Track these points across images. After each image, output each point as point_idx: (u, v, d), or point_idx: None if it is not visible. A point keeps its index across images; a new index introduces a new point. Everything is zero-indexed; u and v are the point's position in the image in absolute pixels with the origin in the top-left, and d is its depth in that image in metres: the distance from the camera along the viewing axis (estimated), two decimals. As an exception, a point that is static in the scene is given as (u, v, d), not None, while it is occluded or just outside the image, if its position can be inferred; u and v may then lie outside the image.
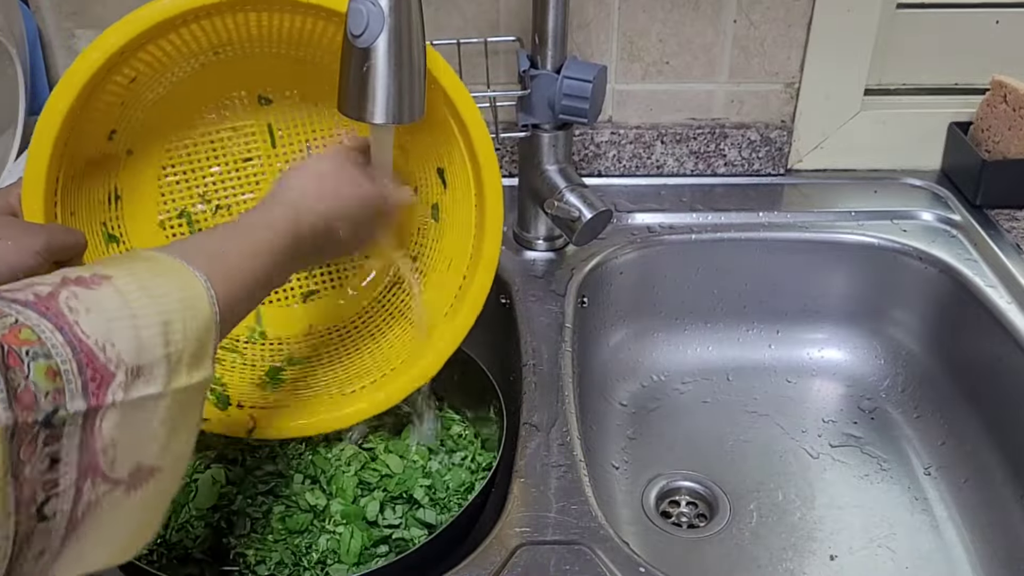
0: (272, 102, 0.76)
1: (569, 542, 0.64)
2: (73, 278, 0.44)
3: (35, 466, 0.39)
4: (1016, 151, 0.98)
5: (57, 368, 0.40)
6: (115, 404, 0.42)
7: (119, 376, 0.42)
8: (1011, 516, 0.82)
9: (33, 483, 0.39)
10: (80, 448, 0.41)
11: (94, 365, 0.41)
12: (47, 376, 0.39)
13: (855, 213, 1.00)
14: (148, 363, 0.44)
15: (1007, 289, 0.89)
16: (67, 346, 0.40)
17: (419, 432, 0.78)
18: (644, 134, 1.04)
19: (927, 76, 1.08)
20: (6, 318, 0.40)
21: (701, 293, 1.00)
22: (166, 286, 0.47)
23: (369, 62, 0.60)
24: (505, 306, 0.89)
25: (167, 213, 0.77)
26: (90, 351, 0.41)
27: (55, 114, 0.62)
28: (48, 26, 0.99)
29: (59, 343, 0.40)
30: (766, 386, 0.99)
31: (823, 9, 0.98)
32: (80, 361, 0.41)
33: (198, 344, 0.47)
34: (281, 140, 0.77)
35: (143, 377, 0.43)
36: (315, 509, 0.72)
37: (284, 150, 0.77)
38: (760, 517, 0.86)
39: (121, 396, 0.42)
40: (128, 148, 0.73)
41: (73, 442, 0.40)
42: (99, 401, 0.41)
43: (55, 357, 0.40)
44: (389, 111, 0.62)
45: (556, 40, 0.85)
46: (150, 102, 0.70)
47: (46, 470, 0.39)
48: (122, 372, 0.42)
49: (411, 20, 0.60)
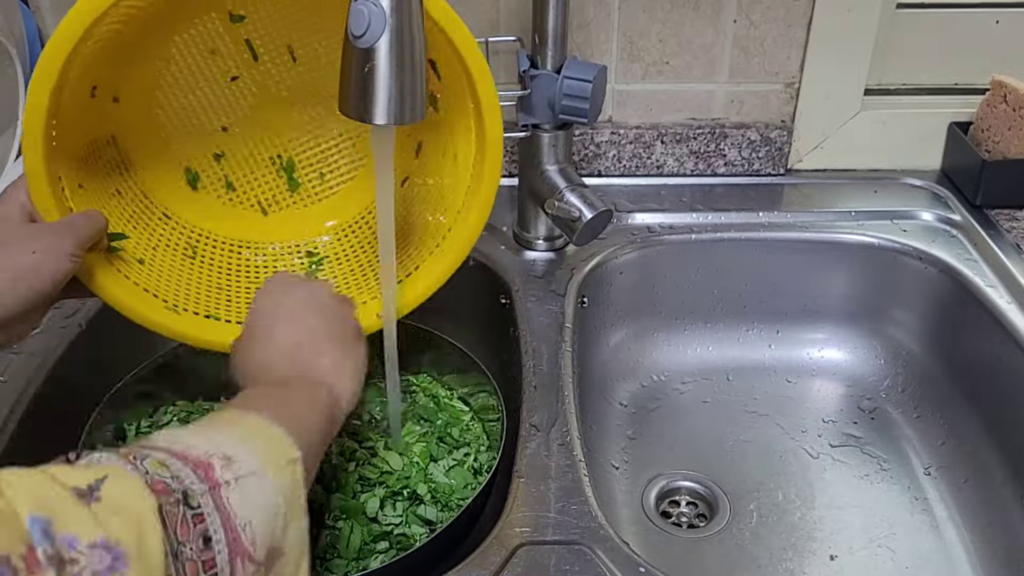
0: (245, 18, 0.75)
1: (569, 542, 0.64)
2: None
3: (192, 545, 0.41)
4: (1016, 151, 0.98)
5: (164, 462, 0.43)
6: (229, 482, 0.45)
7: (216, 463, 0.45)
8: (1011, 516, 0.82)
9: (195, 564, 0.41)
10: (223, 526, 0.43)
11: (191, 458, 0.44)
12: (161, 465, 0.43)
13: (855, 213, 1.00)
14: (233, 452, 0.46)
15: (1007, 289, 0.89)
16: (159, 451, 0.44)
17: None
18: (644, 134, 1.04)
19: (927, 76, 1.08)
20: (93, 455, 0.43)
21: (701, 293, 1.00)
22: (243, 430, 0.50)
23: (371, 63, 0.60)
24: (505, 306, 0.89)
25: (184, 157, 0.78)
26: (180, 452, 0.45)
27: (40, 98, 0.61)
28: (48, 26, 0.99)
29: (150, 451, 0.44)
30: (766, 386, 0.99)
31: (823, 9, 0.98)
32: (178, 456, 0.44)
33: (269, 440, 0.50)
34: (261, 51, 0.77)
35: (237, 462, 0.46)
36: (313, 504, 0.72)
37: (267, 60, 0.77)
38: (760, 517, 0.86)
39: (230, 475, 0.45)
40: (113, 95, 0.72)
41: (216, 520, 0.43)
42: (214, 481, 0.44)
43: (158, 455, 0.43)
44: (391, 112, 0.62)
45: (556, 40, 0.85)
46: (120, 45, 0.69)
47: (202, 549, 0.42)
48: (216, 459, 0.45)
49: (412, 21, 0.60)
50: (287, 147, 0.82)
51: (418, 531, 0.71)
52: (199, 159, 0.79)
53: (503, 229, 0.98)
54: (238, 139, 0.80)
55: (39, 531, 0.35)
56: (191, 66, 0.75)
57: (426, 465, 0.76)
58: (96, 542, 0.37)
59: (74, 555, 0.36)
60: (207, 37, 0.75)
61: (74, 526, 0.37)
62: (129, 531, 0.38)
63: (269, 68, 0.78)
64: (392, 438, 0.78)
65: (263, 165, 0.82)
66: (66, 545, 0.36)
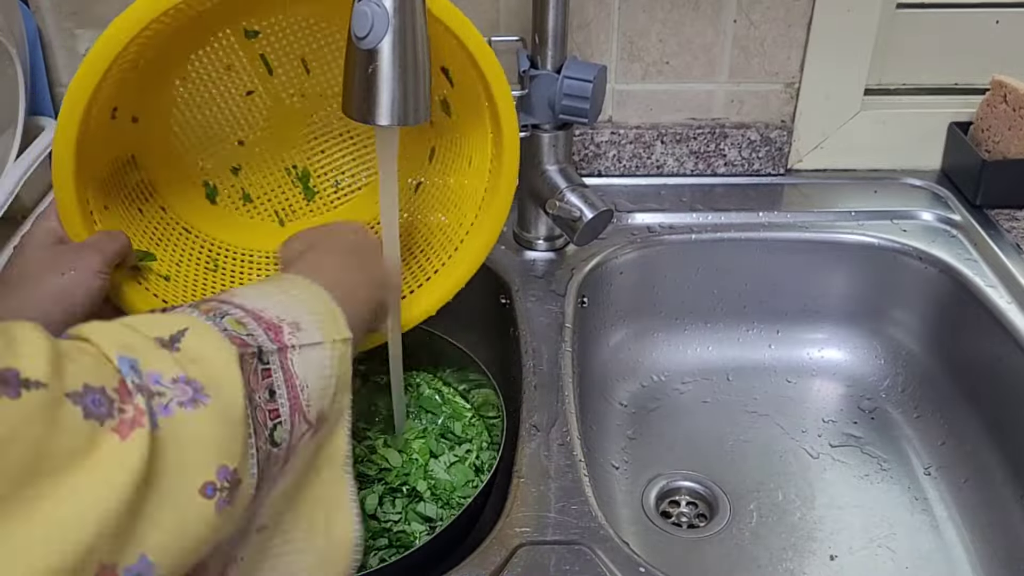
0: (259, 33, 0.75)
1: (569, 542, 0.64)
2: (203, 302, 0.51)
3: (261, 394, 0.47)
4: (1016, 151, 0.98)
5: (241, 320, 0.49)
6: (294, 347, 0.50)
7: (285, 328, 0.50)
8: (1011, 516, 0.82)
9: (263, 410, 0.47)
10: (286, 383, 0.49)
11: (264, 319, 0.50)
12: (238, 324, 0.48)
13: (855, 213, 1.00)
14: (300, 320, 0.52)
15: (1007, 289, 0.89)
16: (237, 308, 0.50)
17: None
18: (644, 134, 1.04)
19: (927, 76, 1.08)
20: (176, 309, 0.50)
21: (701, 293, 1.00)
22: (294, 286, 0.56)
23: (374, 64, 0.60)
24: (505, 306, 0.89)
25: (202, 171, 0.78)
26: (255, 312, 0.50)
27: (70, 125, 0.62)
28: (48, 26, 0.99)
29: (230, 308, 0.49)
30: (766, 386, 0.99)
31: (823, 9, 0.98)
32: (254, 316, 0.50)
33: (333, 316, 0.55)
34: (275, 65, 0.77)
35: (303, 330, 0.51)
36: None
37: (281, 72, 0.78)
38: (760, 517, 0.86)
39: (294, 340, 0.50)
40: (132, 116, 0.73)
41: (280, 377, 0.48)
42: (282, 343, 0.49)
43: (235, 313, 0.49)
44: (394, 113, 0.62)
45: (556, 40, 0.85)
46: (140, 66, 0.70)
47: (268, 399, 0.47)
48: (286, 325, 0.50)
49: (416, 21, 0.60)
50: (302, 157, 0.82)
51: (418, 528, 0.71)
52: (217, 173, 0.79)
53: (503, 229, 0.97)
54: (254, 151, 0.80)
55: (127, 366, 0.40)
56: (207, 83, 0.76)
57: (426, 462, 0.76)
58: (178, 378, 0.42)
59: (160, 388, 0.41)
60: (222, 54, 0.75)
61: (158, 364, 0.42)
62: (209, 373, 0.43)
63: (283, 80, 0.78)
64: (394, 435, 0.78)
65: (279, 176, 0.82)
66: (152, 380, 0.41)
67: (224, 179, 0.80)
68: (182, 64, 0.74)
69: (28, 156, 0.91)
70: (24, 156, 0.91)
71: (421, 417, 0.81)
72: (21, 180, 0.89)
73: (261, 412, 0.46)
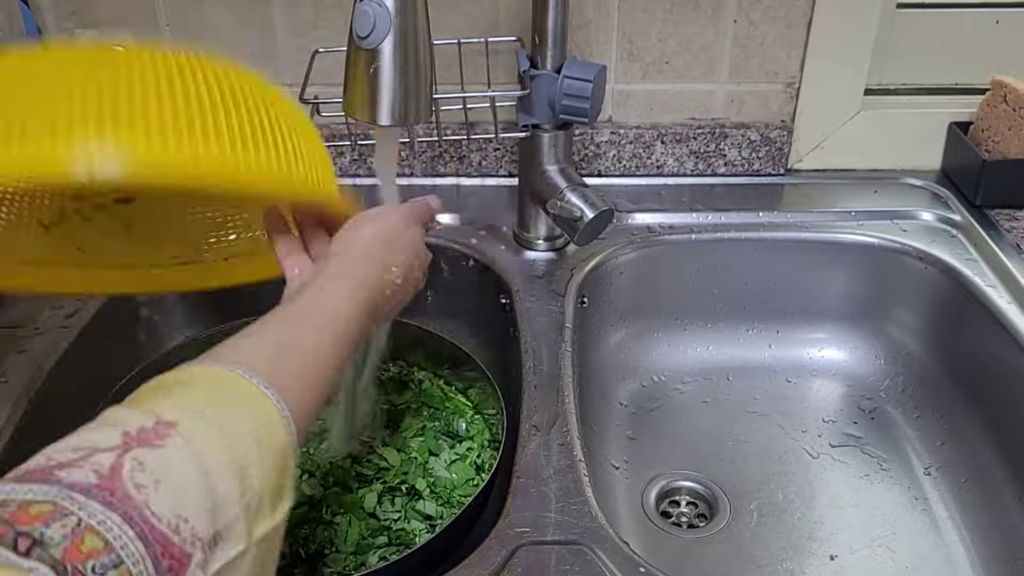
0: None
1: (569, 542, 0.64)
2: (135, 433, 0.40)
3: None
4: (1016, 151, 0.98)
5: (131, 573, 0.36)
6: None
7: (196, 555, 0.38)
8: (1011, 516, 0.82)
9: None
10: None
11: (170, 553, 0.37)
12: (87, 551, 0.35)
13: (855, 213, 1.00)
14: (226, 525, 0.40)
15: (1007, 289, 0.89)
16: (139, 540, 0.36)
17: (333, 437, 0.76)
18: (644, 134, 1.04)
19: (927, 76, 1.08)
20: (68, 519, 0.35)
21: (701, 293, 1.00)
22: (236, 421, 0.43)
23: (376, 63, 0.60)
24: (505, 306, 0.89)
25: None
26: (163, 537, 0.37)
27: None
28: (48, 26, 0.99)
29: (129, 540, 0.36)
30: (766, 386, 0.99)
31: (823, 9, 0.98)
32: (155, 554, 0.37)
33: (277, 479, 0.43)
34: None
35: (221, 544, 0.40)
36: (311, 500, 0.72)
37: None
38: (760, 517, 0.86)
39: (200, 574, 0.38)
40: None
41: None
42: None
43: (127, 561, 0.36)
44: (396, 112, 0.62)
45: (556, 40, 0.85)
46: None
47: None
48: (199, 550, 0.38)
49: (417, 21, 0.60)
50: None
51: (418, 526, 0.71)
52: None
53: (503, 229, 0.98)
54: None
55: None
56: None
57: (425, 460, 0.76)
58: None
59: None
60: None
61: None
62: None
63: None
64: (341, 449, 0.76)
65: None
66: None
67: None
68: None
69: (28, 156, 0.91)
70: None
71: (422, 413, 0.81)
72: (21, 180, 0.88)
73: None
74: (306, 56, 0.87)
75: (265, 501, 0.42)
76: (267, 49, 1.00)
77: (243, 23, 0.99)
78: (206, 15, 0.98)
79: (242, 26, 0.99)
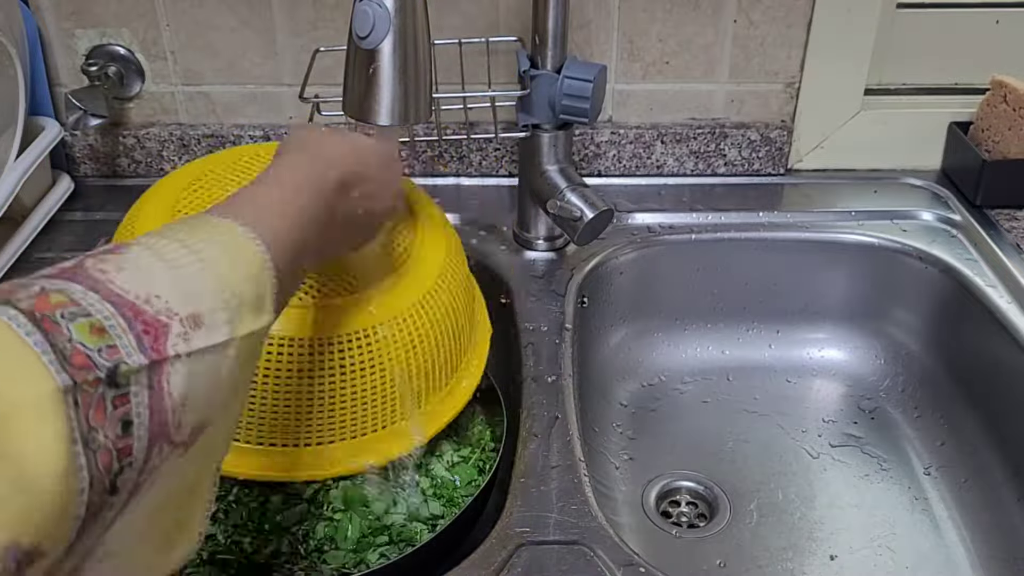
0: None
1: (569, 542, 0.64)
2: (98, 250, 0.41)
3: (108, 431, 0.35)
4: (1016, 151, 0.98)
5: (101, 324, 0.36)
6: (180, 356, 0.38)
7: (175, 327, 0.39)
8: (1011, 516, 0.82)
9: (108, 452, 0.35)
10: (151, 408, 0.37)
11: (143, 318, 0.38)
12: (92, 333, 0.36)
13: (855, 213, 1.00)
14: (207, 310, 0.40)
15: (1007, 289, 0.89)
16: (106, 302, 0.37)
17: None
18: (644, 134, 1.04)
19: (927, 76, 1.08)
20: (31, 288, 0.36)
21: (701, 293, 1.00)
22: (203, 236, 0.43)
23: (375, 63, 0.60)
24: (505, 306, 0.89)
25: None
26: (133, 305, 0.38)
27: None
28: (48, 26, 0.99)
29: (95, 300, 0.37)
30: (766, 386, 0.99)
31: (823, 9, 0.98)
32: (126, 315, 0.37)
33: (254, 289, 0.44)
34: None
35: (204, 326, 0.40)
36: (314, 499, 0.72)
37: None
38: (760, 517, 0.86)
39: (184, 347, 0.39)
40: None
41: (143, 401, 0.37)
42: (160, 354, 0.38)
43: (95, 314, 0.36)
44: (395, 112, 0.62)
45: (556, 40, 0.85)
46: None
47: (120, 436, 0.36)
48: (177, 322, 0.39)
49: (416, 21, 0.60)
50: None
51: (419, 526, 0.71)
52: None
53: (503, 229, 0.98)
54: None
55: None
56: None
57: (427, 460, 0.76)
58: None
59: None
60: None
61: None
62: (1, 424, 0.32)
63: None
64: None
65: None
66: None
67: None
68: None
69: (28, 156, 0.91)
70: (24, 156, 0.91)
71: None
72: (21, 180, 0.89)
73: (105, 454, 0.35)
74: (306, 56, 0.87)
75: (245, 303, 0.43)
76: (267, 49, 1.00)
77: (243, 23, 0.99)
78: (206, 15, 0.98)
79: (242, 26, 0.99)
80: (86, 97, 0.96)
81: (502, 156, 1.05)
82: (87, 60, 0.99)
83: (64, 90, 0.99)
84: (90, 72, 0.97)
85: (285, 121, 1.04)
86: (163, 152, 1.04)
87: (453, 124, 0.98)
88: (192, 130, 1.04)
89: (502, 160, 1.05)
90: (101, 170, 1.06)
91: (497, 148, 1.04)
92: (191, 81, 1.03)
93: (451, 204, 1.00)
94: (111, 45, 1.00)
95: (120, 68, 1.01)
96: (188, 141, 1.04)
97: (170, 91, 1.03)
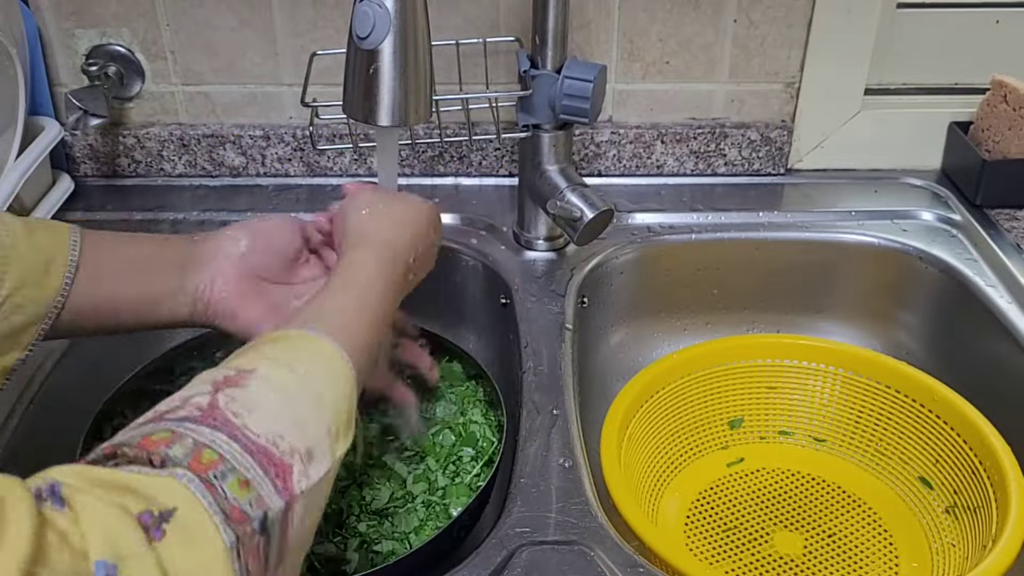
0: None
1: (569, 542, 0.64)
2: (221, 380, 0.46)
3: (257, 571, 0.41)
4: (1016, 151, 0.98)
5: (246, 478, 0.42)
6: (302, 492, 0.44)
7: (296, 465, 0.44)
8: (1011, 516, 0.82)
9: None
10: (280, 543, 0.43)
11: (274, 461, 0.43)
12: (241, 488, 0.41)
13: (855, 213, 1.00)
14: (315, 443, 0.46)
15: (1007, 289, 0.89)
16: (246, 453, 0.42)
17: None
18: (644, 134, 1.04)
19: (927, 76, 1.08)
20: (184, 440, 0.41)
21: (701, 293, 1.00)
22: (306, 361, 0.49)
23: (375, 64, 0.60)
24: (505, 306, 0.89)
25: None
26: (266, 450, 0.43)
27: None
28: (48, 26, 0.99)
29: (236, 452, 0.42)
30: (766, 386, 0.99)
31: (823, 9, 0.98)
32: (262, 464, 0.43)
33: (348, 407, 0.50)
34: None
35: (315, 459, 0.45)
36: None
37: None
38: (760, 517, 0.85)
39: (306, 483, 0.44)
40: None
41: (276, 540, 0.43)
42: (291, 493, 0.43)
43: (239, 468, 0.42)
44: (395, 113, 0.62)
45: (556, 40, 0.85)
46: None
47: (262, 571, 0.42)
48: (298, 460, 0.44)
49: (417, 22, 0.60)
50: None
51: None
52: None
53: (503, 229, 0.98)
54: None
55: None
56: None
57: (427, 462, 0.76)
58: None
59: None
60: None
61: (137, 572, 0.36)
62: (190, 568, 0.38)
63: None
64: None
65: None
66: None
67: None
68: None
69: (28, 156, 0.91)
70: (24, 156, 0.91)
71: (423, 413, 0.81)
72: (21, 180, 0.89)
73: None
74: (306, 56, 0.87)
75: (341, 425, 0.48)
76: (267, 49, 1.00)
77: (243, 23, 0.99)
78: (206, 15, 0.98)
79: (242, 26, 0.99)
80: (86, 97, 0.96)
81: (502, 156, 1.05)
82: (87, 60, 0.99)
83: (64, 90, 0.99)
84: (90, 72, 0.97)
85: (285, 121, 1.04)
86: (163, 152, 1.04)
87: (453, 124, 0.98)
88: (192, 130, 1.04)
89: (502, 160, 1.05)
90: (101, 170, 1.06)
91: (497, 148, 1.05)
92: (191, 81, 1.03)
93: (451, 204, 1.00)
94: (111, 45, 1.00)
95: (120, 68, 1.01)
96: (188, 141, 1.04)
97: (170, 91, 1.03)
